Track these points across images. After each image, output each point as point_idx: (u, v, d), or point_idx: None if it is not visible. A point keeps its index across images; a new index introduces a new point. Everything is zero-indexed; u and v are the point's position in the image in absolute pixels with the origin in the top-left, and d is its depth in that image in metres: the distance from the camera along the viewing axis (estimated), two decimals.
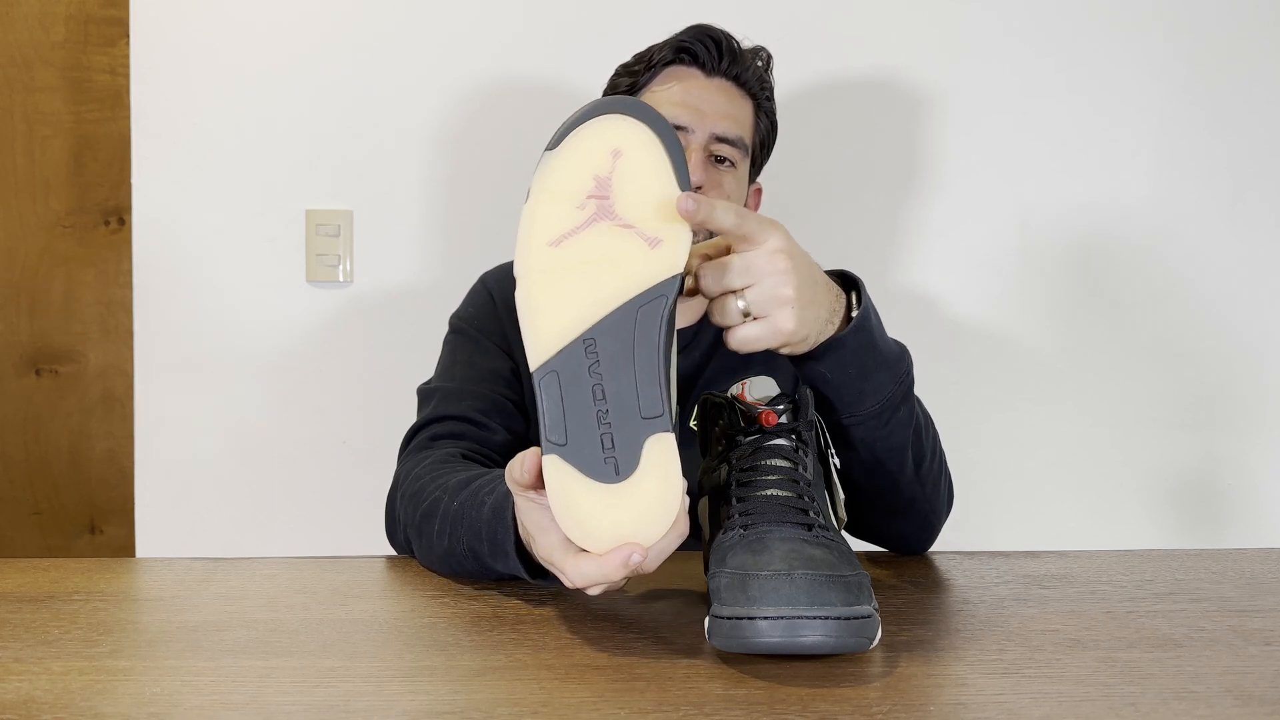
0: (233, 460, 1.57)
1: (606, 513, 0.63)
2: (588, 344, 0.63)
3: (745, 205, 1.15)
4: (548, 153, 0.66)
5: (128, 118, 1.56)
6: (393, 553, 0.97)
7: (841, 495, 0.75)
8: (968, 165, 1.59)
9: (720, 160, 1.09)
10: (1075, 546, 0.98)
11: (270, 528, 1.57)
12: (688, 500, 0.65)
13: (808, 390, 0.74)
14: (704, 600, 0.75)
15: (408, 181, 1.56)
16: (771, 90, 1.15)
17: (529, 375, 0.65)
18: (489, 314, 1.12)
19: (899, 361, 0.81)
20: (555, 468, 0.63)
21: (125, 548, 1.69)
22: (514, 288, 1.18)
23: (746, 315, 0.71)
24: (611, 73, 1.15)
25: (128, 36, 1.55)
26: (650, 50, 1.12)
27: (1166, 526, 1.63)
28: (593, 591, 0.67)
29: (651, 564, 0.65)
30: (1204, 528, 1.63)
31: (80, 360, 1.70)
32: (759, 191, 1.21)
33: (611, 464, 0.63)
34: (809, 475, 0.70)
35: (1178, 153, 1.61)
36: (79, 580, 0.83)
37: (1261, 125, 1.61)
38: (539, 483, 0.65)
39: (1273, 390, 1.63)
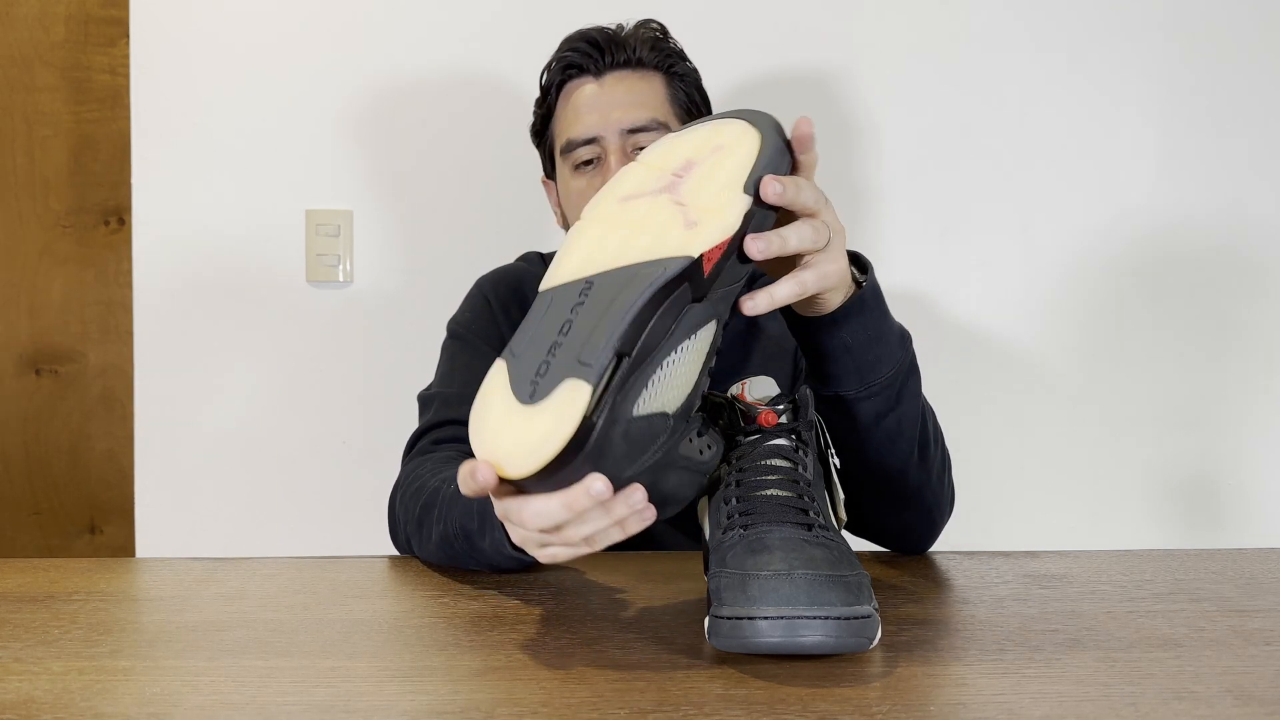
0: (233, 460, 1.57)
1: (497, 425, 0.62)
2: (585, 286, 0.64)
3: None
4: (671, 134, 0.72)
5: (128, 118, 1.56)
6: (393, 552, 0.97)
7: (841, 495, 0.75)
8: (969, 165, 1.59)
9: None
10: (1075, 546, 0.98)
11: (270, 528, 1.57)
12: (600, 487, 0.59)
13: (808, 390, 0.74)
14: (704, 600, 0.75)
15: (408, 181, 1.57)
16: (678, 53, 1.13)
17: None
18: (486, 318, 1.12)
19: (901, 329, 0.84)
20: (497, 370, 0.64)
21: (125, 548, 1.69)
22: (510, 291, 1.18)
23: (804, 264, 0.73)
24: None
25: (128, 36, 1.55)
26: (543, 80, 1.14)
27: (1166, 526, 1.63)
28: (538, 531, 0.64)
29: (512, 512, 0.63)
30: (1204, 528, 1.63)
31: (80, 360, 1.70)
32: None
33: (531, 387, 0.62)
34: (809, 475, 0.70)
35: (1179, 154, 1.60)
36: (79, 580, 0.83)
37: (1263, 126, 1.61)
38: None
39: (1272, 390, 1.63)
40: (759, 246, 0.67)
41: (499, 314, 1.12)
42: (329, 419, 1.57)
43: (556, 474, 0.60)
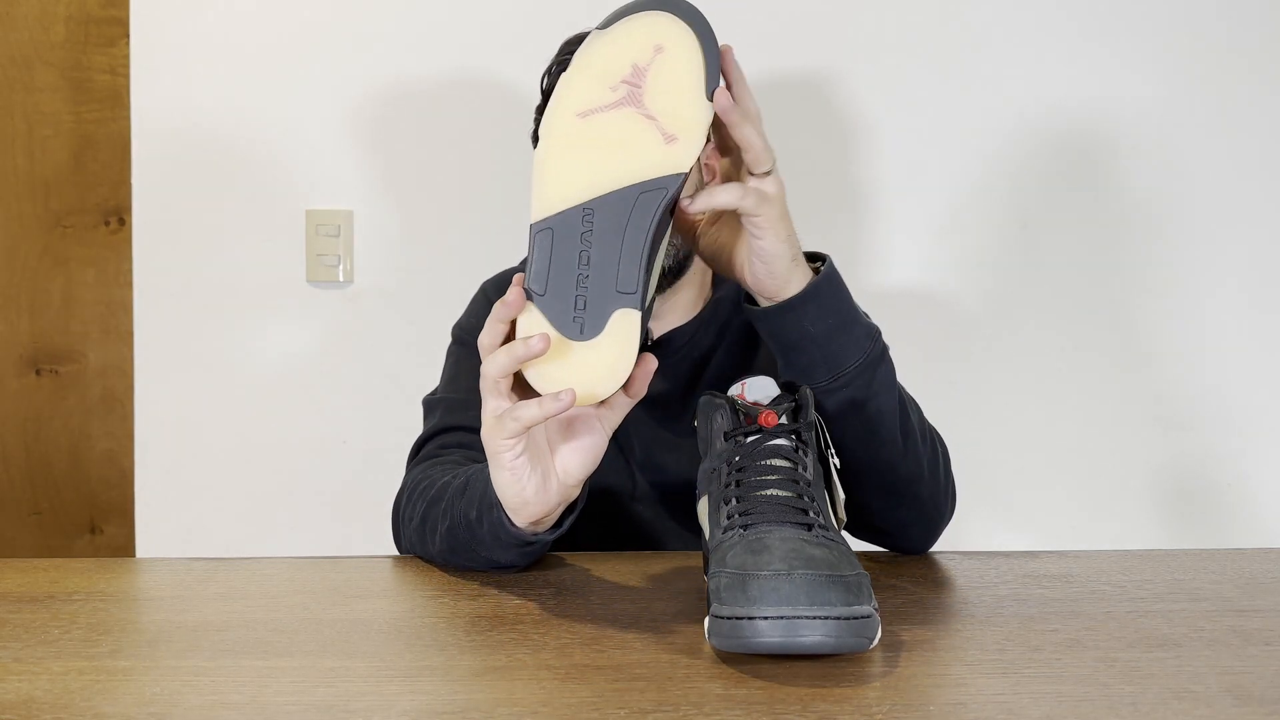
0: (233, 460, 1.57)
1: (564, 364, 0.69)
2: (586, 213, 0.68)
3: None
4: (597, 31, 0.70)
5: (128, 118, 1.56)
6: (393, 552, 0.97)
7: (841, 495, 0.75)
8: (969, 165, 1.59)
9: None
10: (1075, 546, 0.98)
11: (270, 528, 1.57)
12: (654, 364, 0.71)
13: (808, 390, 0.74)
14: (704, 600, 0.75)
15: (408, 181, 1.56)
16: None
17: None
18: None
19: (867, 320, 0.85)
20: (529, 313, 0.69)
21: (125, 548, 1.69)
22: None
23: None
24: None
25: (128, 36, 1.55)
26: (544, 85, 1.15)
27: (1166, 526, 1.63)
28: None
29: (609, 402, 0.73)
30: (1204, 528, 1.63)
31: (80, 360, 1.70)
32: None
33: (579, 324, 0.69)
34: (809, 475, 0.70)
35: (1178, 153, 1.60)
36: (79, 580, 0.83)
37: (1262, 126, 1.61)
38: (513, 312, 0.70)
39: (1272, 390, 1.63)
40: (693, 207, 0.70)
41: None
42: (329, 419, 1.57)
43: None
